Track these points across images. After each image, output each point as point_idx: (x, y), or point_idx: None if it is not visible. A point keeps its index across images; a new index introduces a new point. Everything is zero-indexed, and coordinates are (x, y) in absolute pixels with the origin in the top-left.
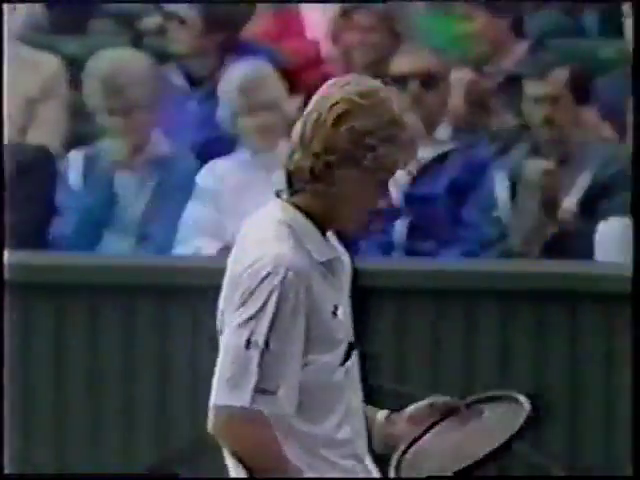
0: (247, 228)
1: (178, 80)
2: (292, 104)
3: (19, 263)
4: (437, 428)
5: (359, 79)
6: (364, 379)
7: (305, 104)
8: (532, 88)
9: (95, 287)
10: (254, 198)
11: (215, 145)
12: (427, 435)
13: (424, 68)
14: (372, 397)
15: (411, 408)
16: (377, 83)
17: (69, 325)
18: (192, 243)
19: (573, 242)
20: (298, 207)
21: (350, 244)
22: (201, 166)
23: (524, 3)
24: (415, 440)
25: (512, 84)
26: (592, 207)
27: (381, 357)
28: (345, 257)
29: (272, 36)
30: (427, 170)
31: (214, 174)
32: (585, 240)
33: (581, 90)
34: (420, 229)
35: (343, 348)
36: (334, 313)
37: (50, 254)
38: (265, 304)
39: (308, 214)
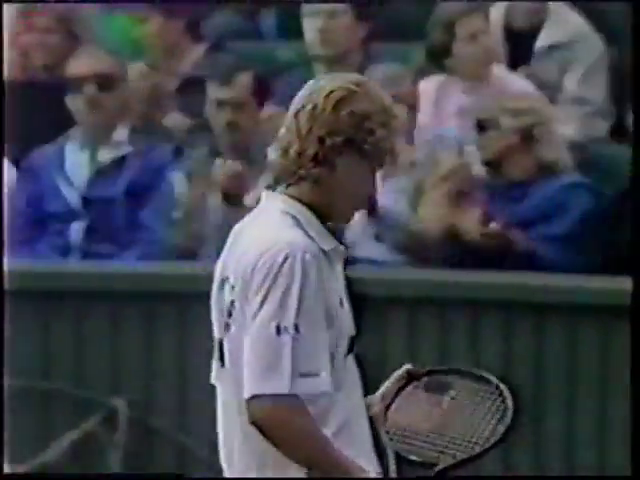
0: (245, 223)
1: None
2: None
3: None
4: (402, 393)
5: (342, 74)
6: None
7: None
8: (215, 92)
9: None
10: None
11: None
12: (395, 400)
13: (101, 70)
14: None
15: (382, 388)
16: (360, 76)
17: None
18: None
19: None
20: (298, 199)
21: None
22: None
23: (200, 6)
24: (387, 408)
25: (191, 86)
26: None
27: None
28: (342, 249)
29: None
30: (105, 172)
31: None
32: None
33: (263, 93)
34: (97, 232)
35: (347, 340)
36: (340, 303)
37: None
38: (289, 288)
39: (308, 206)
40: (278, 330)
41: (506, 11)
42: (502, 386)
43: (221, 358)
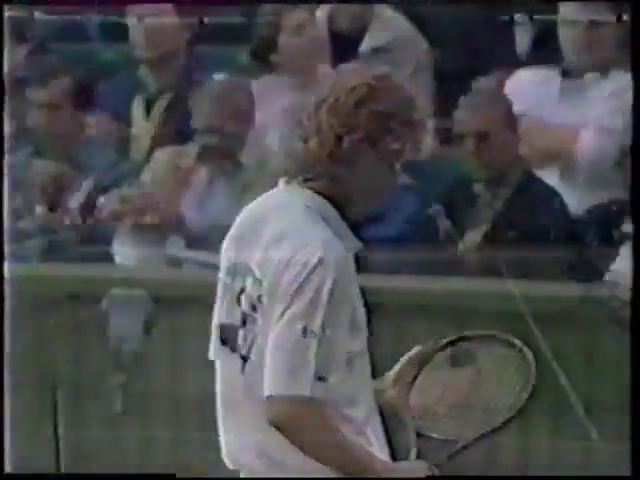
0: (264, 211)
1: None
2: None
3: None
4: (425, 369)
5: (367, 65)
6: None
7: None
8: (34, 94)
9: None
10: None
11: None
12: (417, 378)
13: None
14: None
15: (392, 371)
16: (386, 68)
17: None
18: None
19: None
20: (318, 193)
21: None
22: None
23: (24, 6)
24: (410, 387)
25: (15, 88)
26: (93, 209)
27: None
28: (360, 244)
29: None
30: None
31: None
32: (89, 242)
33: (84, 96)
34: None
35: (365, 335)
36: (358, 298)
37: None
38: (319, 292)
39: (328, 199)
40: (304, 332)
41: (329, 14)
42: (525, 349)
43: (222, 340)
